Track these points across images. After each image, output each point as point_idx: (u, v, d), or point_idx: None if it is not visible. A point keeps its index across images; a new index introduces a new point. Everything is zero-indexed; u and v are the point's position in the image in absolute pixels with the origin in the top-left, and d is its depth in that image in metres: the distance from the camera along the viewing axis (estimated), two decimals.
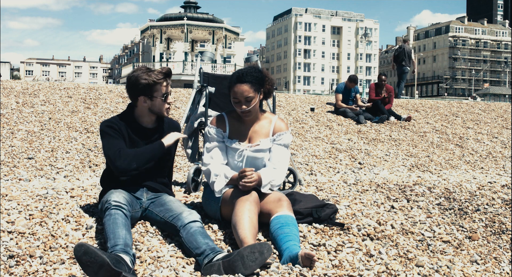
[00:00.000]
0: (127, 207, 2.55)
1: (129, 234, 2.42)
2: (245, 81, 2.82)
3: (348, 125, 8.44)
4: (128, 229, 2.45)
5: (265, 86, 2.93)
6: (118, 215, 2.47)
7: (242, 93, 2.82)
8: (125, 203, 2.56)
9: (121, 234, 2.38)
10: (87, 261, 2.12)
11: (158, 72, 2.80)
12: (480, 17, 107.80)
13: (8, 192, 3.37)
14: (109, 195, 2.61)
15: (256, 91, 2.86)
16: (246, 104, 2.84)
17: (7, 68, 48.61)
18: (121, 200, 2.55)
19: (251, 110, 2.87)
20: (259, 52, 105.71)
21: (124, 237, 2.37)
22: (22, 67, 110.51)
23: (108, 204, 2.52)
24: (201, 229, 2.52)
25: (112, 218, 2.45)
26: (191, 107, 4.16)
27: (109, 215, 2.47)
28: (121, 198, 2.57)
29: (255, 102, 2.86)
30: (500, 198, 4.04)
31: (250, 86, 2.83)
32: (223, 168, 2.86)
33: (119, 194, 2.61)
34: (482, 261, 2.99)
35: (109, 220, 2.45)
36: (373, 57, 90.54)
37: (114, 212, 2.48)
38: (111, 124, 2.77)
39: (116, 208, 2.50)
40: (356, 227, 2.99)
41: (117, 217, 2.46)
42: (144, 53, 75.12)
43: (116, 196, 2.57)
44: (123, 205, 2.53)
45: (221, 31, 34.35)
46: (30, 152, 5.50)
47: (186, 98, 9.44)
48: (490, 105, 12.21)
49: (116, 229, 2.39)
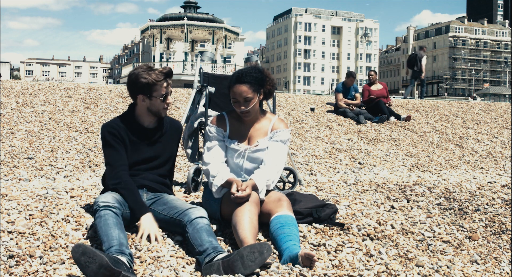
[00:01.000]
0: (116, 206, 2.52)
1: (122, 232, 2.40)
2: (244, 82, 2.83)
3: (348, 125, 8.44)
4: (120, 228, 2.42)
5: (266, 87, 2.93)
6: (108, 215, 2.45)
7: (241, 94, 2.82)
8: (114, 201, 2.54)
9: (114, 234, 2.36)
10: (85, 261, 2.11)
11: (159, 72, 2.79)
12: (480, 17, 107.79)
13: (8, 192, 3.37)
14: (98, 196, 2.60)
15: (255, 92, 2.85)
16: (244, 105, 2.84)
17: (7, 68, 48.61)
18: (109, 199, 2.53)
19: (250, 111, 2.87)
20: (259, 52, 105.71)
21: (118, 237, 2.36)
22: (22, 67, 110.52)
23: (97, 206, 2.50)
24: (207, 227, 2.52)
25: (103, 219, 2.43)
26: (191, 107, 4.16)
27: (99, 216, 2.46)
28: (110, 197, 2.55)
29: (254, 103, 2.86)
30: (500, 198, 4.04)
31: (249, 87, 2.82)
32: (222, 169, 2.85)
33: (107, 194, 2.60)
34: (482, 261, 2.99)
35: (100, 222, 2.43)
36: (373, 57, 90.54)
37: (103, 213, 2.46)
38: (112, 130, 2.78)
39: (105, 208, 2.48)
40: (356, 227, 2.98)
41: (107, 217, 2.44)
42: (144, 53, 75.13)
43: (104, 196, 2.56)
44: (112, 203, 2.51)
45: (221, 31, 34.34)
46: (30, 152, 5.50)
47: (186, 98, 9.44)
48: (490, 105, 12.21)
49: (108, 230, 2.38)
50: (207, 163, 2.88)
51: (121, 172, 2.72)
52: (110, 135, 2.77)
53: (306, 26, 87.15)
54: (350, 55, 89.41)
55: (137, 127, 2.84)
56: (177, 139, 3.00)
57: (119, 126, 2.80)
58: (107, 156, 2.77)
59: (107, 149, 2.78)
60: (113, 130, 2.78)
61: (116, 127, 2.79)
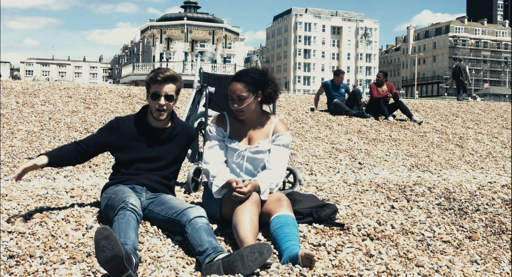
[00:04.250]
0: (140, 214, 2.57)
1: (137, 238, 2.45)
2: (240, 80, 2.86)
3: (348, 125, 8.44)
4: (137, 234, 2.47)
5: (266, 90, 2.92)
6: (132, 218, 2.49)
7: (235, 91, 2.85)
8: (140, 208, 2.58)
9: (131, 236, 2.39)
10: (104, 246, 2.11)
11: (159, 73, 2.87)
12: (480, 17, 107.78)
13: (8, 192, 3.37)
14: (125, 195, 2.61)
15: (251, 91, 2.86)
16: (238, 103, 2.86)
17: (7, 68, 48.59)
18: (138, 205, 2.58)
19: (243, 110, 2.87)
20: (259, 52, 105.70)
21: (134, 240, 2.39)
22: (22, 67, 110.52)
23: (125, 204, 2.53)
24: (207, 226, 2.53)
25: (126, 218, 2.47)
26: (191, 107, 4.16)
27: (124, 214, 2.49)
28: (138, 203, 2.60)
29: (248, 102, 2.86)
30: (500, 198, 4.04)
31: (244, 86, 2.84)
32: (222, 169, 2.85)
33: (136, 198, 2.63)
34: (482, 261, 2.99)
35: (123, 218, 2.46)
36: (373, 57, 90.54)
37: (129, 214, 2.49)
38: (116, 121, 2.95)
39: (132, 211, 2.52)
40: (356, 227, 2.98)
41: (131, 219, 2.48)
42: (144, 53, 75.11)
43: (134, 199, 2.59)
44: (138, 210, 2.56)
45: (221, 31, 34.34)
46: (30, 152, 5.50)
47: (186, 98, 9.44)
48: (490, 105, 12.22)
49: (128, 230, 2.41)
50: (207, 162, 2.89)
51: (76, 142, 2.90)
52: (109, 124, 2.94)
53: (306, 26, 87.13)
54: (350, 55, 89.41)
55: (144, 125, 2.92)
56: (186, 144, 3.03)
57: (125, 121, 2.93)
58: (90, 135, 2.96)
59: (97, 131, 2.98)
60: (114, 123, 2.93)
61: (122, 121, 2.93)
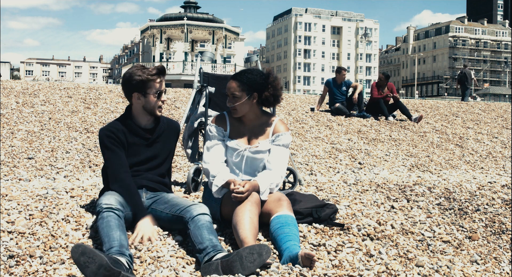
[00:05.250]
0: (119, 208, 2.54)
1: (123, 234, 2.42)
2: (236, 79, 2.89)
3: (348, 125, 8.44)
4: (122, 230, 2.44)
5: (264, 93, 2.92)
6: (111, 217, 2.47)
7: (229, 89, 2.89)
8: (116, 204, 2.55)
9: (115, 236, 2.37)
10: (85, 261, 2.11)
11: (152, 69, 2.83)
12: (480, 17, 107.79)
13: (8, 192, 3.37)
14: (101, 198, 2.61)
15: (244, 91, 2.86)
16: (231, 101, 2.89)
17: (7, 68, 48.56)
18: (112, 202, 2.55)
19: (236, 109, 2.89)
20: (259, 52, 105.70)
21: (119, 238, 2.37)
22: (22, 67, 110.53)
23: (100, 207, 2.52)
24: (209, 224, 2.52)
25: (105, 221, 2.45)
26: (191, 107, 4.16)
27: (102, 218, 2.47)
28: (112, 199, 2.57)
29: (240, 102, 2.86)
30: (500, 198, 4.04)
31: (238, 85, 2.86)
32: (222, 169, 2.85)
33: (110, 196, 2.60)
34: (482, 261, 2.99)
35: (102, 223, 2.44)
36: (373, 57, 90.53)
37: (106, 215, 2.47)
38: (110, 133, 2.79)
39: (108, 210, 2.49)
40: (356, 227, 2.98)
41: (110, 219, 2.45)
42: (144, 53, 75.11)
43: (107, 198, 2.57)
44: (114, 206, 2.52)
45: (221, 31, 34.33)
46: (30, 152, 5.50)
47: (186, 98, 9.45)
48: (490, 105, 12.22)
49: (110, 232, 2.39)
50: (207, 162, 2.89)
51: (122, 174, 2.73)
52: (108, 138, 2.78)
53: (306, 26, 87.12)
54: (350, 55, 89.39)
55: (135, 128, 2.85)
56: (174, 138, 3.01)
57: (116, 129, 2.81)
58: (107, 159, 2.78)
59: (106, 152, 2.78)
60: (110, 134, 2.78)
61: (113, 130, 2.80)
